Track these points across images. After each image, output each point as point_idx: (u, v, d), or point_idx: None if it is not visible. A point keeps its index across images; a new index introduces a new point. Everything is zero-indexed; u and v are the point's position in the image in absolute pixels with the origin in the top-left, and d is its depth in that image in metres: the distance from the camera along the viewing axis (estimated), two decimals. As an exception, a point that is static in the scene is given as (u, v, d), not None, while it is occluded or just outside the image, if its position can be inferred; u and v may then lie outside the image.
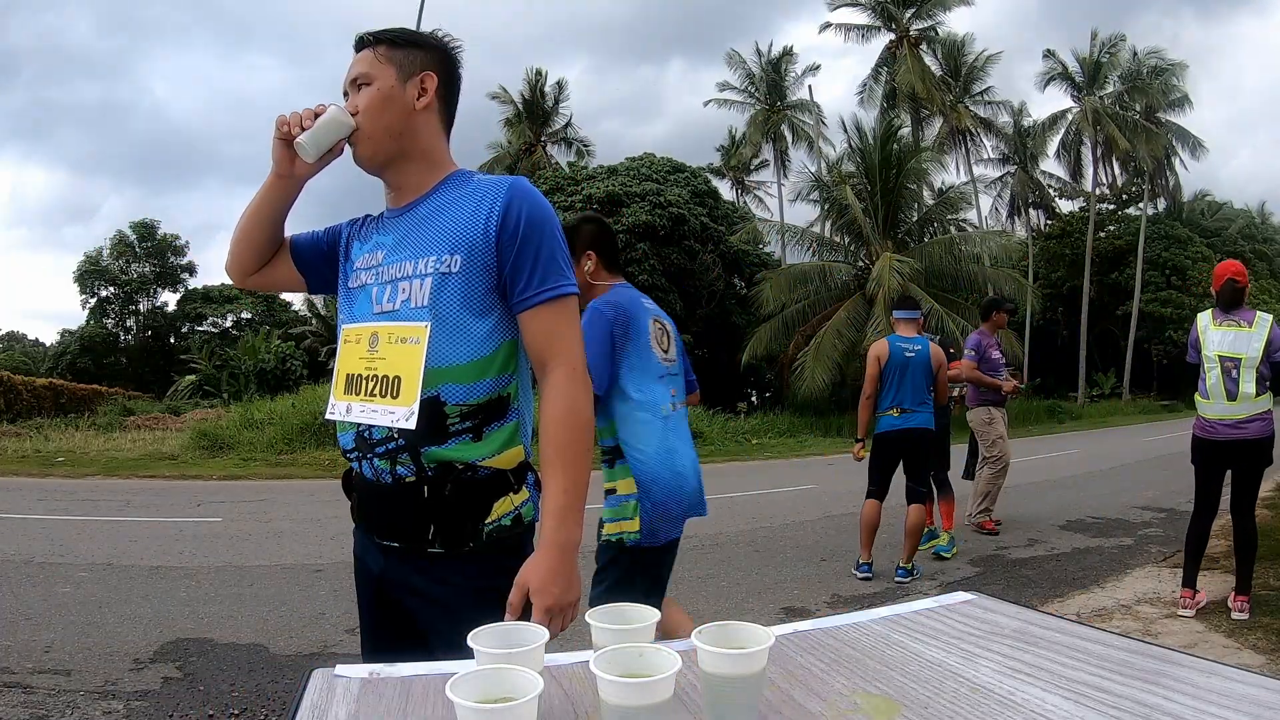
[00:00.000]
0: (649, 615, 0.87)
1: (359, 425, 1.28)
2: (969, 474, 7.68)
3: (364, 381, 1.27)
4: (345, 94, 1.34)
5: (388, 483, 1.25)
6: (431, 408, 1.21)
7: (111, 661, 3.32)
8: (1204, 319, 3.96)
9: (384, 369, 1.25)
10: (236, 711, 2.85)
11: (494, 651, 0.81)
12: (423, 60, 1.32)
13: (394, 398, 1.23)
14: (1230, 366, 3.70)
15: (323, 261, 1.46)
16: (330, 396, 1.34)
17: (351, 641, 3.66)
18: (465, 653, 0.85)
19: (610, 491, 2.18)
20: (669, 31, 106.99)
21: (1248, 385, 3.65)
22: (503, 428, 1.27)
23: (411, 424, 1.20)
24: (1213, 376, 3.77)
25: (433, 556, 1.25)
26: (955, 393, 7.14)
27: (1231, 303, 3.86)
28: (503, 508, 1.27)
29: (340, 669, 0.91)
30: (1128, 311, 29.42)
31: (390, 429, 1.23)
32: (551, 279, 1.24)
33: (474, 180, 1.31)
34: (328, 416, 1.33)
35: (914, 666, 0.93)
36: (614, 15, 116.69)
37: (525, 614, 1.18)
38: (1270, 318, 3.80)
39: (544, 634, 0.84)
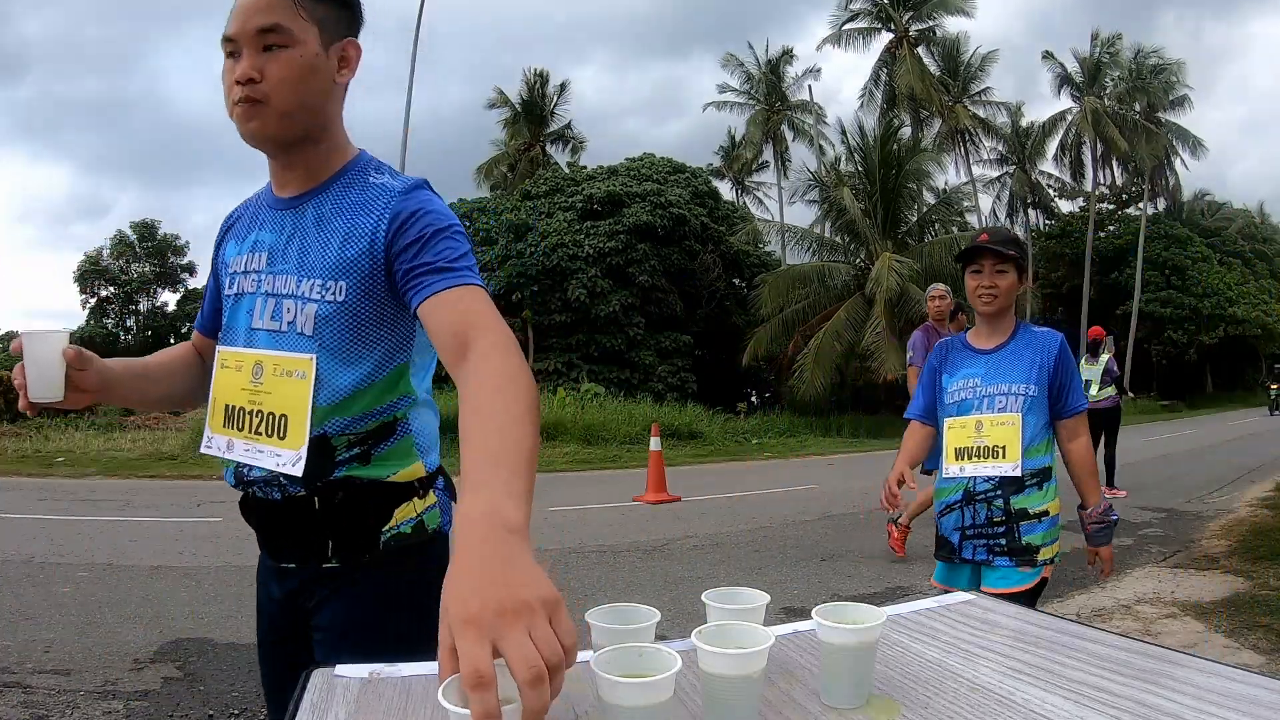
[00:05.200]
0: (649, 615, 0.87)
1: (238, 464, 1.14)
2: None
3: (248, 417, 1.13)
4: (228, 41, 1.06)
5: (276, 499, 1.13)
6: (318, 445, 1.09)
7: (111, 661, 3.32)
8: (1081, 362, 7.68)
9: (270, 405, 1.11)
10: (236, 711, 2.85)
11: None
12: (346, 22, 1.12)
13: (280, 438, 1.10)
14: (1089, 382, 7.54)
15: None
16: (206, 427, 1.18)
17: (351, 641, 3.66)
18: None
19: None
20: (691, 28, 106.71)
21: (1093, 389, 7.56)
22: (392, 446, 1.13)
23: (299, 470, 1.07)
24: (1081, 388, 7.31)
25: (330, 573, 1.13)
26: None
27: (1092, 351, 7.90)
28: (404, 513, 1.14)
29: (340, 669, 0.91)
30: (1128, 311, 29.45)
31: (274, 471, 1.10)
32: (453, 273, 1.04)
33: (370, 183, 1.12)
34: (203, 450, 1.18)
35: (914, 666, 0.93)
36: (635, 10, 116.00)
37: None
38: (1108, 355, 7.90)
39: None
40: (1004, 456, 2.06)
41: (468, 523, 0.71)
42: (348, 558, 1.12)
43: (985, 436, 2.10)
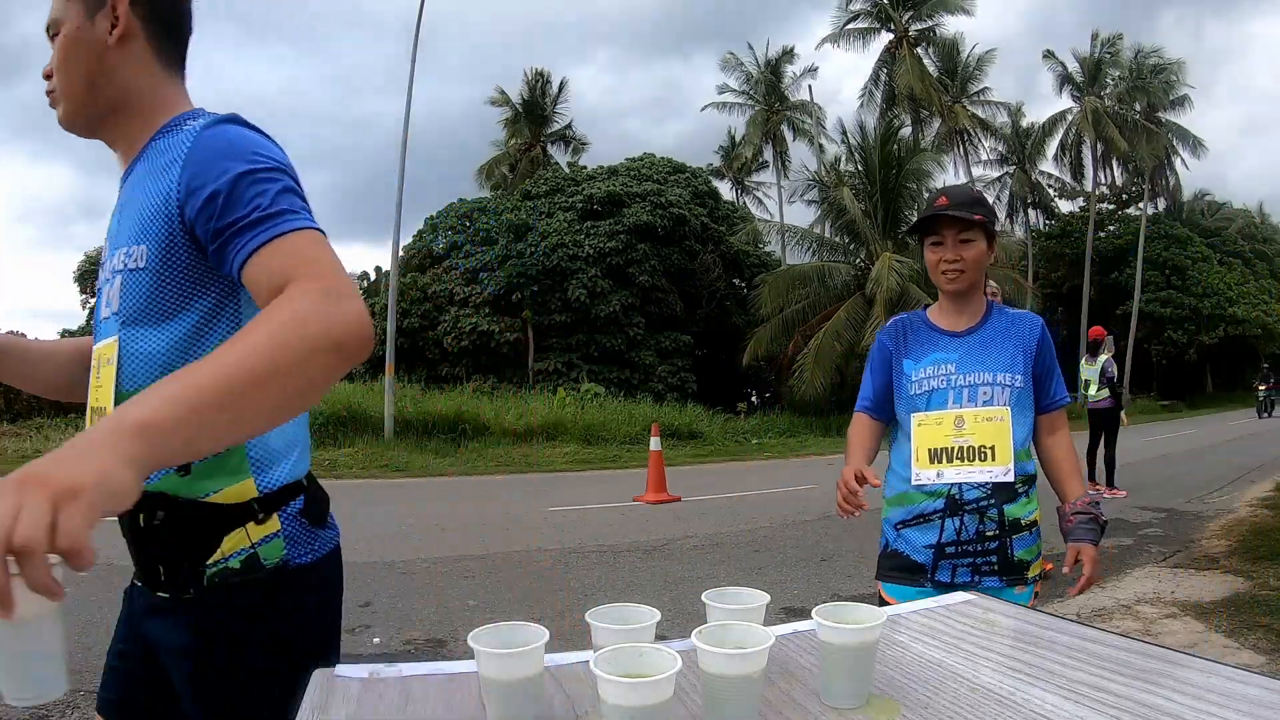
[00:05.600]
0: (649, 615, 0.87)
1: None
2: None
3: (96, 417, 1.03)
4: None
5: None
6: None
7: (111, 661, 3.32)
8: (1081, 361, 8.42)
9: (100, 400, 1.01)
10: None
11: (494, 652, 0.81)
12: None
13: None
14: (1088, 382, 8.17)
15: None
16: None
17: (351, 641, 3.66)
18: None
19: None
20: (691, 29, 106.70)
21: (1092, 389, 8.12)
22: (214, 457, 0.94)
23: None
24: (1080, 386, 8.29)
25: (164, 605, 0.98)
26: None
27: (1092, 351, 8.28)
28: (234, 543, 0.95)
29: (340, 669, 0.91)
30: (1128, 311, 29.45)
31: None
32: (270, 223, 0.87)
33: (180, 131, 0.98)
34: None
35: (914, 666, 0.93)
36: (636, 10, 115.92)
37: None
38: (1106, 356, 8.17)
39: (543, 634, 0.80)
40: (993, 459, 1.73)
41: (112, 414, 0.67)
42: (173, 588, 0.96)
43: (969, 434, 1.74)
